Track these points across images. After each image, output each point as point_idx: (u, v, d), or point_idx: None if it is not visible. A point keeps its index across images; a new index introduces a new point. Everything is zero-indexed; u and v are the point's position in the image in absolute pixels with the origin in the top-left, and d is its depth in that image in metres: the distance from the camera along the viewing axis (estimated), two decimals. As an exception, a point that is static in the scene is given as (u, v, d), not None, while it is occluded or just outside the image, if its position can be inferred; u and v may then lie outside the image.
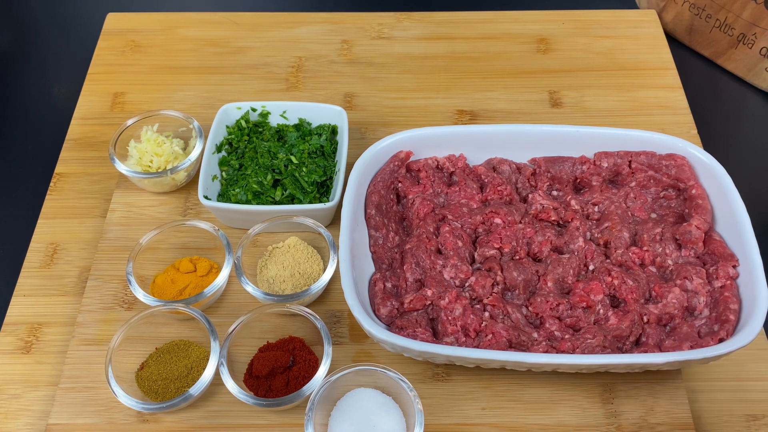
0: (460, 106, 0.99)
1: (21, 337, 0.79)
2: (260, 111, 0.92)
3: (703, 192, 0.78)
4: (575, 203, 0.80)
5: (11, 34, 1.15)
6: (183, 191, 0.90)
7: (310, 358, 0.73)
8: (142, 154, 0.88)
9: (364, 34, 1.07)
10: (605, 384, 0.74)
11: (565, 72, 1.02)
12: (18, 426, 0.74)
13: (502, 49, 1.05)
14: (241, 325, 0.74)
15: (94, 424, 0.73)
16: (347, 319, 0.79)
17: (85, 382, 0.75)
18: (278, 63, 1.04)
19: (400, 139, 0.82)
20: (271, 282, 0.80)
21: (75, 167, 0.93)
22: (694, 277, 0.73)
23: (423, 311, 0.74)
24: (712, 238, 0.76)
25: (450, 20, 1.09)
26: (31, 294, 0.83)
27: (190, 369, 0.73)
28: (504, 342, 0.70)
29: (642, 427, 0.71)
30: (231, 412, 0.73)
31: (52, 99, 1.07)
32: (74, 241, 0.87)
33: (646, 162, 0.81)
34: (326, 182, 0.86)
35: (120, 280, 0.82)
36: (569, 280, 0.74)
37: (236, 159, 0.88)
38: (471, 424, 0.72)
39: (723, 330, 0.69)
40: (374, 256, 0.78)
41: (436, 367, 0.76)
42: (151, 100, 1.00)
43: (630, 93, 0.99)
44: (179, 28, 1.08)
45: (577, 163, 0.82)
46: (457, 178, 0.82)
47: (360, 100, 0.99)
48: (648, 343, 0.70)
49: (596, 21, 1.08)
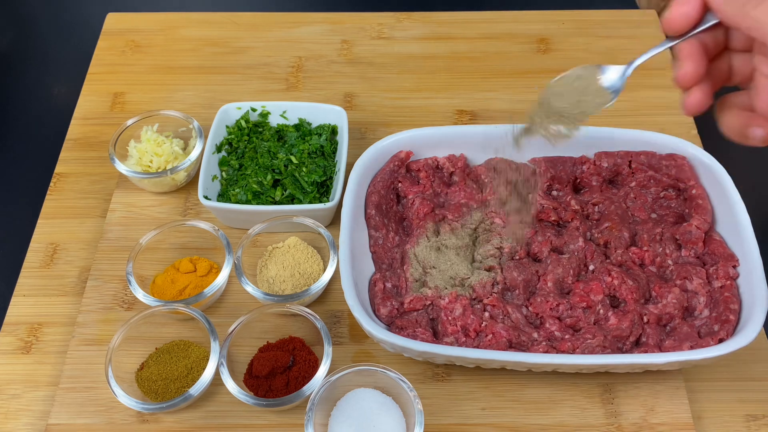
0: (460, 106, 0.99)
1: (21, 337, 0.79)
2: (260, 111, 0.92)
3: (703, 192, 0.78)
4: (575, 203, 0.80)
5: (11, 34, 1.15)
6: (183, 191, 0.90)
7: (311, 359, 0.73)
8: (142, 154, 0.88)
9: (364, 34, 1.07)
10: (605, 384, 0.74)
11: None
12: (18, 426, 0.74)
13: (502, 49, 1.05)
14: (241, 325, 0.74)
15: (94, 424, 0.73)
16: (347, 319, 0.79)
17: (85, 382, 0.75)
18: (278, 63, 1.04)
19: (400, 139, 0.82)
20: (271, 282, 0.80)
21: (75, 167, 0.93)
22: (694, 277, 0.73)
23: (423, 311, 0.74)
24: (712, 238, 0.76)
25: (450, 20, 1.09)
26: (31, 294, 0.83)
27: (190, 369, 0.73)
28: (504, 342, 0.70)
29: (642, 427, 0.71)
30: (231, 412, 0.73)
31: (52, 99, 1.07)
32: (74, 241, 0.87)
33: (646, 162, 0.81)
34: (326, 182, 0.86)
35: (120, 280, 0.82)
36: (569, 280, 0.74)
37: (236, 159, 0.88)
38: (471, 424, 0.72)
39: (723, 330, 0.69)
40: (374, 256, 0.78)
41: (436, 367, 0.76)
42: (151, 100, 1.00)
43: (630, 93, 0.98)
44: (179, 28, 1.08)
45: (577, 163, 0.82)
46: (457, 178, 0.82)
47: (360, 100, 0.99)
48: (648, 343, 0.70)
49: (596, 21, 1.08)
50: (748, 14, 0.45)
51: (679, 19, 0.51)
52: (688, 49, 0.52)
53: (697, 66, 0.52)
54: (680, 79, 0.52)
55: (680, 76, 0.52)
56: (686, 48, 0.52)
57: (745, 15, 0.46)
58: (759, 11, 0.45)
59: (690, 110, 0.54)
